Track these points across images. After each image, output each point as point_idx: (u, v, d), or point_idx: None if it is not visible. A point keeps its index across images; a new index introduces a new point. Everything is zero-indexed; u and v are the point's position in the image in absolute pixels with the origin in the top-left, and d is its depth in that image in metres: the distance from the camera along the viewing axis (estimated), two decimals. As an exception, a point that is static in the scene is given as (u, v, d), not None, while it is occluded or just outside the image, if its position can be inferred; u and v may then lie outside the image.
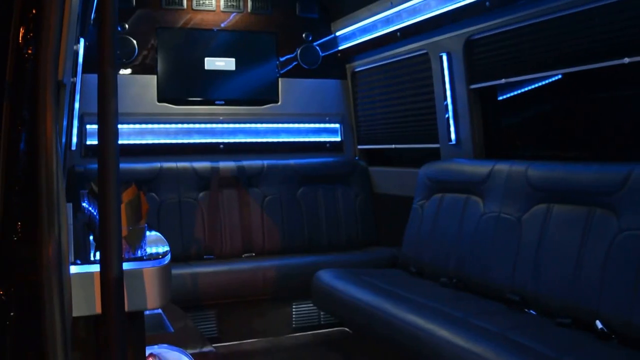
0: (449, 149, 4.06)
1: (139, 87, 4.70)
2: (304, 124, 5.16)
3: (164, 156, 4.67)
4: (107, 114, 1.01)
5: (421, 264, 3.79)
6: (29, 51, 0.94)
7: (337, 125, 5.26)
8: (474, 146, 3.86)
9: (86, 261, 1.18)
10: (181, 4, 4.79)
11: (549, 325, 2.69)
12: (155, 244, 1.40)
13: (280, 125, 5.07)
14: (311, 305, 4.18)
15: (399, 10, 4.24)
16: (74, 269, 1.11)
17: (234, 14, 4.93)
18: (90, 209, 1.66)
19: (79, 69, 2.12)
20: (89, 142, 4.48)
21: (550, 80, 3.44)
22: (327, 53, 5.20)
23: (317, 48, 5.18)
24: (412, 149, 4.68)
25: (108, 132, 1.01)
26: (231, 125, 4.94)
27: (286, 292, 4.22)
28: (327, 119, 5.22)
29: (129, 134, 4.66)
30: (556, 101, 3.62)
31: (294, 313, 4.36)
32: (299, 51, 5.12)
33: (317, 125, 5.20)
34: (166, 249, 1.33)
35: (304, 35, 5.14)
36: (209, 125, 4.88)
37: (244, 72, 4.95)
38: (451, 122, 3.98)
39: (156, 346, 2.02)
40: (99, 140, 1.01)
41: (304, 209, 4.77)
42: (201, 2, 4.84)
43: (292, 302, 4.33)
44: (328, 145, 5.23)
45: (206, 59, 4.85)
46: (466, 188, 3.60)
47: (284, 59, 5.09)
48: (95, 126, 1.02)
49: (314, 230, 4.76)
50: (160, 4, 4.75)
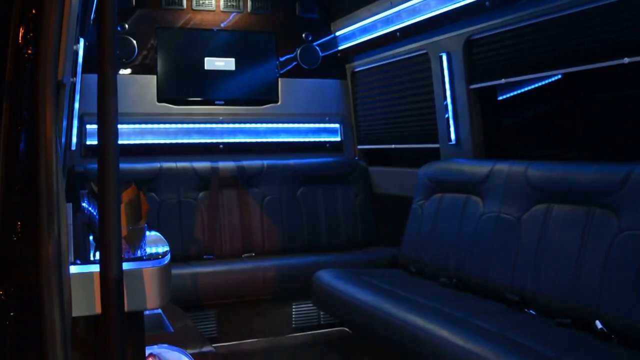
0: (448, 149, 4.06)
1: (138, 87, 4.70)
2: (304, 124, 5.16)
3: (163, 156, 4.67)
4: (107, 114, 1.00)
5: (421, 264, 3.79)
6: (29, 51, 0.94)
7: (337, 125, 5.26)
8: (473, 146, 3.86)
9: (86, 261, 1.18)
10: (181, 4, 4.79)
11: (548, 325, 2.69)
12: (155, 244, 1.40)
13: (280, 125, 5.07)
14: (311, 305, 4.18)
15: (399, 10, 4.24)
16: (73, 269, 1.11)
17: (234, 14, 4.93)
18: (90, 209, 1.66)
19: (79, 69, 2.12)
20: (88, 142, 4.48)
21: (550, 80, 3.44)
22: (326, 53, 5.20)
23: (317, 48, 5.18)
24: (411, 149, 4.67)
25: (108, 132, 1.01)
26: (231, 125, 4.94)
27: (286, 292, 4.21)
28: (326, 119, 5.22)
29: (129, 134, 4.66)
30: (556, 101, 3.62)
31: (293, 313, 4.36)
32: (298, 51, 5.12)
33: (316, 125, 5.20)
34: (166, 249, 1.33)
35: (303, 35, 5.14)
36: (208, 125, 4.87)
37: (243, 72, 4.95)
38: (451, 122, 3.98)
39: (156, 346, 2.02)
40: (98, 140, 1.01)
41: (303, 209, 4.77)
42: (201, 2, 4.84)
43: (291, 302, 4.33)
44: (328, 145, 5.23)
45: (206, 59, 4.85)
46: (466, 188, 3.60)
47: (283, 59, 5.09)
48: (95, 126, 1.02)
49: (314, 230, 4.76)
50: (160, 4, 4.74)
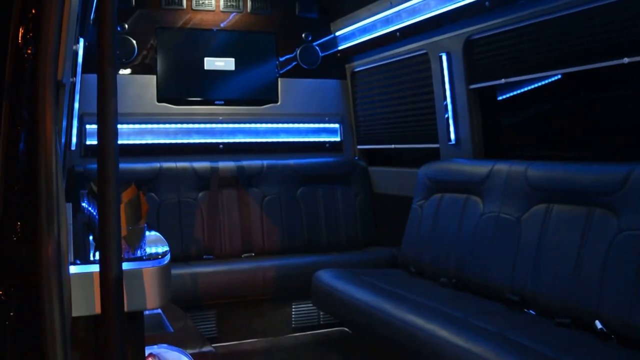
0: (448, 149, 4.06)
1: (138, 87, 4.70)
2: (304, 124, 5.16)
3: (163, 156, 4.67)
4: (107, 114, 1.00)
5: (421, 264, 3.79)
6: (29, 51, 0.94)
7: (337, 125, 5.26)
8: (473, 146, 3.86)
9: (86, 261, 1.18)
10: (181, 4, 4.79)
11: (548, 326, 2.69)
12: (155, 244, 1.40)
13: (279, 125, 5.07)
14: (311, 305, 4.18)
15: (399, 10, 4.24)
16: (73, 269, 1.11)
17: (234, 14, 4.93)
18: (90, 209, 1.66)
19: (79, 69, 2.12)
20: (88, 142, 4.48)
21: (550, 80, 3.44)
22: (326, 53, 5.20)
23: (317, 48, 5.18)
24: (411, 149, 4.67)
25: (107, 132, 1.01)
26: (231, 125, 4.94)
27: (286, 292, 4.21)
28: (326, 119, 5.22)
29: (129, 134, 4.66)
30: (556, 101, 3.62)
31: (293, 313, 4.36)
32: (298, 51, 5.12)
33: (316, 125, 5.20)
34: (166, 249, 1.33)
35: (303, 35, 5.14)
36: (208, 125, 4.87)
37: (243, 72, 4.95)
38: (451, 122, 3.98)
39: (156, 346, 2.02)
40: (98, 140, 1.01)
41: (303, 209, 4.77)
42: (201, 2, 4.84)
43: (291, 302, 4.33)
44: (328, 145, 5.23)
45: (206, 59, 4.85)
46: (466, 188, 3.60)
47: (283, 59, 5.09)
48: (95, 126, 1.02)
49: (314, 230, 4.76)
50: (160, 4, 4.74)
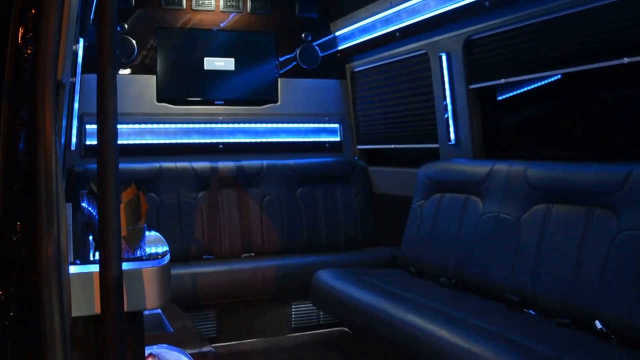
0: (448, 149, 4.06)
1: (138, 87, 4.70)
2: (303, 124, 5.16)
3: (163, 156, 4.67)
4: (107, 114, 1.00)
5: (420, 264, 3.79)
6: (28, 51, 0.94)
7: (337, 125, 5.26)
8: (473, 146, 3.86)
9: (85, 261, 1.18)
10: (180, 4, 4.79)
11: (548, 326, 2.69)
12: (155, 244, 1.40)
13: (279, 125, 5.07)
14: (310, 305, 4.18)
15: (399, 10, 4.24)
16: (73, 269, 1.11)
17: (234, 14, 4.93)
18: (90, 209, 1.66)
19: (79, 69, 2.12)
20: (88, 142, 4.48)
21: (550, 80, 3.44)
22: (326, 53, 5.20)
23: (317, 48, 5.18)
24: (411, 149, 4.67)
25: (107, 132, 1.01)
26: (230, 125, 4.94)
27: (285, 292, 4.21)
28: (326, 119, 5.22)
29: (129, 134, 4.66)
30: (555, 101, 3.62)
31: (293, 313, 4.36)
32: (298, 51, 5.11)
33: (316, 125, 5.20)
34: (165, 249, 1.33)
35: (303, 35, 5.14)
36: (208, 125, 4.87)
37: (243, 72, 4.95)
38: (450, 122, 3.98)
39: (155, 346, 2.02)
40: (98, 140, 1.01)
41: (303, 209, 4.77)
42: (200, 2, 4.84)
43: (291, 302, 4.33)
44: (327, 145, 5.23)
45: (205, 59, 4.84)
46: (465, 188, 3.60)
47: (283, 59, 5.09)
48: (95, 126, 1.02)
49: (314, 230, 4.76)
50: (160, 4, 4.74)
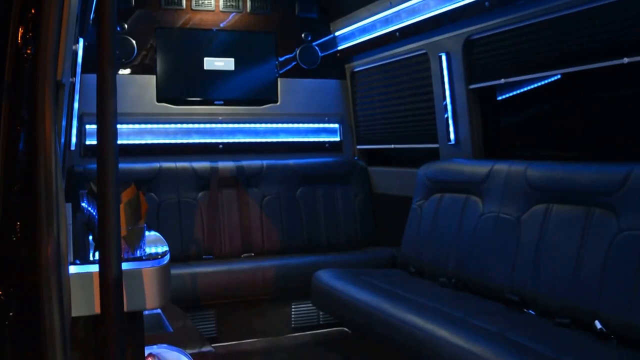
0: (448, 149, 4.06)
1: (138, 87, 4.69)
2: (303, 124, 5.16)
3: (163, 156, 4.67)
4: (106, 114, 1.00)
5: (420, 264, 3.79)
6: (28, 51, 0.94)
7: (337, 125, 5.26)
8: (473, 146, 3.86)
9: (85, 261, 1.17)
10: (180, 4, 4.79)
11: (548, 326, 2.69)
12: (155, 244, 1.40)
13: (279, 125, 5.07)
14: (310, 305, 4.18)
15: (398, 10, 4.23)
16: (73, 269, 1.11)
17: (233, 14, 4.93)
18: (90, 209, 1.66)
19: (78, 69, 2.12)
20: (88, 142, 4.48)
21: (550, 80, 3.44)
22: (326, 53, 5.20)
23: (317, 48, 5.18)
24: (411, 149, 4.67)
25: (107, 132, 1.01)
26: (230, 125, 4.94)
27: (285, 292, 4.21)
28: (326, 119, 5.22)
29: (128, 134, 4.66)
30: (555, 101, 3.62)
31: (293, 313, 4.36)
32: (298, 51, 5.11)
33: (316, 125, 5.20)
34: (165, 249, 1.33)
35: (303, 35, 5.14)
36: (208, 125, 4.87)
37: (243, 72, 4.95)
38: (450, 122, 3.98)
39: (155, 346, 2.02)
40: (98, 140, 1.01)
41: (303, 209, 4.77)
42: (200, 2, 4.84)
43: (291, 302, 4.33)
44: (327, 145, 5.23)
45: (205, 59, 4.84)
46: (465, 188, 3.60)
47: (283, 59, 5.09)
48: (95, 126, 1.02)
49: (313, 230, 4.76)
50: (160, 4, 4.74)
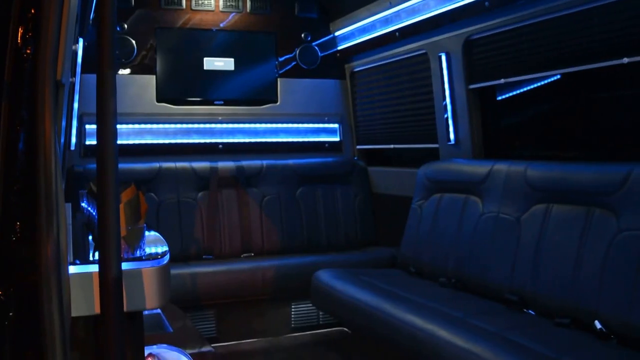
0: (447, 149, 4.06)
1: (137, 87, 4.69)
2: (303, 124, 5.16)
3: (163, 156, 4.67)
4: (106, 114, 1.00)
5: (420, 264, 3.79)
6: (28, 51, 0.94)
7: (336, 125, 5.26)
8: (472, 146, 3.86)
9: (85, 261, 1.17)
10: (180, 4, 4.79)
11: (547, 326, 2.69)
12: (154, 244, 1.40)
13: (279, 125, 5.07)
14: (310, 305, 4.18)
15: (398, 10, 4.24)
16: (72, 269, 1.11)
17: (233, 14, 4.93)
18: (89, 209, 1.66)
19: (78, 69, 2.12)
20: (88, 142, 4.48)
21: (549, 80, 3.44)
22: (326, 53, 5.20)
23: (316, 48, 5.18)
24: (411, 149, 4.67)
25: (107, 132, 1.01)
26: (230, 125, 4.94)
27: (285, 292, 4.21)
28: (326, 119, 5.22)
29: (128, 134, 4.65)
30: (555, 101, 3.62)
31: (293, 313, 4.36)
32: (298, 51, 5.12)
33: (316, 125, 5.20)
34: (165, 249, 1.33)
35: (302, 35, 5.14)
36: (208, 125, 4.87)
37: (243, 72, 4.95)
38: (450, 122, 3.98)
39: (155, 346, 2.02)
40: (97, 141, 1.01)
41: (303, 209, 4.77)
42: (200, 2, 4.84)
43: (291, 302, 4.33)
44: (327, 145, 5.23)
45: (205, 59, 4.84)
46: (465, 188, 3.60)
47: (283, 59, 5.09)
48: (94, 126, 1.02)
49: (313, 230, 4.76)
50: (159, 4, 4.74)
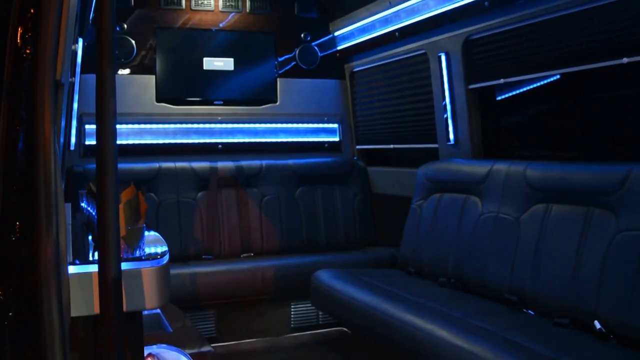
0: (447, 149, 4.06)
1: (137, 87, 4.69)
2: (303, 124, 5.16)
3: (162, 156, 4.67)
4: (106, 114, 1.00)
5: (420, 264, 3.79)
6: (27, 51, 0.94)
7: (336, 125, 5.26)
8: (472, 146, 3.86)
9: (85, 261, 1.18)
10: (180, 4, 4.79)
11: (547, 326, 2.69)
12: (154, 244, 1.40)
13: (278, 125, 5.07)
14: (310, 305, 4.18)
15: (398, 10, 4.24)
16: (72, 269, 1.11)
17: (233, 14, 4.93)
18: (89, 209, 1.66)
19: (78, 69, 2.12)
20: (87, 142, 4.48)
21: (549, 80, 3.44)
22: (325, 53, 5.20)
23: (316, 48, 5.18)
24: (410, 149, 4.67)
25: (106, 132, 1.01)
26: (230, 125, 4.94)
27: (285, 292, 4.21)
28: (325, 119, 5.22)
29: (128, 134, 4.65)
30: (555, 101, 3.62)
31: (292, 313, 4.36)
32: (297, 51, 5.12)
33: (315, 125, 5.20)
34: (164, 249, 1.33)
35: (302, 35, 5.14)
36: (207, 126, 4.87)
37: (242, 72, 4.95)
38: (449, 122, 3.98)
39: (155, 346, 2.02)
40: (97, 140, 1.01)
41: (302, 209, 4.77)
42: (200, 2, 4.84)
43: (290, 302, 4.33)
44: (326, 145, 5.23)
45: (205, 59, 4.84)
46: (465, 188, 3.60)
47: (282, 59, 5.09)
48: (94, 126, 1.02)
49: (313, 230, 4.76)
50: (159, 4, 4.74)
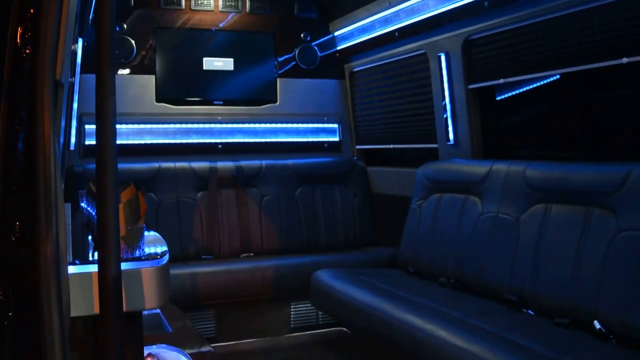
0: (447, 149, 4.06)
1: (137, 87, 4.69)
2: (302, 124, 5.16)
3: (162, 156, 4.67)
4: (105, 114, 1.00)
5: (419, 264, 3.79)
6: (27, 51, 0.94)
7: (336, 125, 5.26)
8: (472, 146, 3.86)
9: (84, 261, 1.18)
10: (179, 4, 4.79)
11: (547, 326, 2.69)
12: (154, 244, 1.40)
13: (278, 125, 5.07)
14: (309, 305, 4.18)
15: (397, 10, 4.24)
16: (72, 269, 1.11)
17: (232, 14, 4.93)
18: (89, 209, 1.66)
19: (77, 69, 2.12)
20: (87, 142, 4.48)
21: (549, 80, 3.44)
22: (325, 53, 5.20)
23: (316, 48, 5.18)
24: (410, 149, 4.68)
25: (106, 132, 1.01)
26: (229, 126, 4.94)
27: (284, 292, 4.21)
28: (325, 119, 5.22)
29: (128, 134, 4.65)
30: (554, 101, 3.62)
31: (292, 313, 4.36)
32: (297, 51, 5.11)
33: (315, 125, 5.20)
34: (164, 249, 1.33)
35: (302, 35, 5.14)
36: (207, 126, 4.87)
37: (242, 72, 4.95)
38: (449, 122, 3.98)
39: (154, 346, 2.02)
40: (97, 140, 1.01)
41: (302, 209, 4.77)
42: (199, 2, 4.84)
43: (290, 302, 4.33)
44: (326, 145, 5.23)
45: (204, 59, 4.84)
46: (464, 188, 3.60)
47: (282, 59, 5.09)
48: (94, 126, 1.02)
49: (312, 230, 4.76)
50: (159, 4, 4.74)
